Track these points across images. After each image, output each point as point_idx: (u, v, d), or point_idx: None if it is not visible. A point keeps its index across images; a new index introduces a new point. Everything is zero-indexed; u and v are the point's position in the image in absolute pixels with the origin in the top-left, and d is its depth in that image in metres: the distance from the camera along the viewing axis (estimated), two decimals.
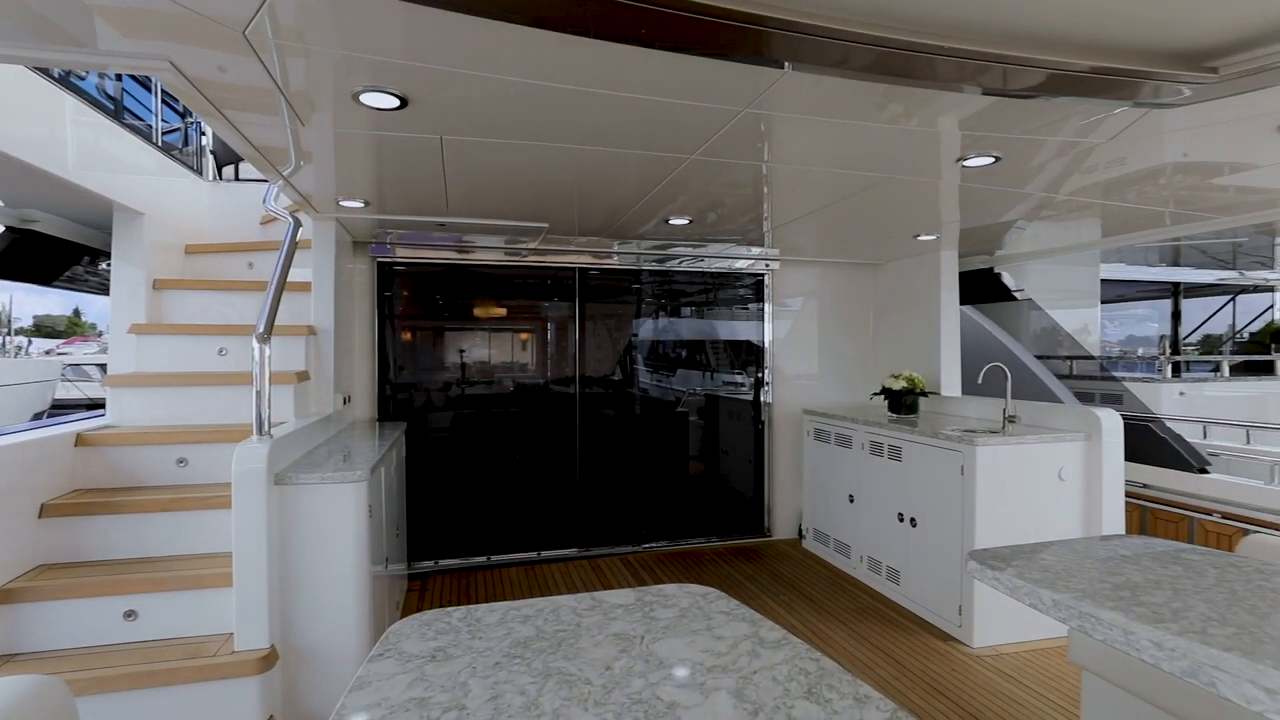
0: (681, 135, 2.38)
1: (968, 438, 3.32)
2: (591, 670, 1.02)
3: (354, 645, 2.50)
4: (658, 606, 1.28)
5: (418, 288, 4.62)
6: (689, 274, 5.15)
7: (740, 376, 5.30)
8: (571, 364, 4.87)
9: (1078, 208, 3.60)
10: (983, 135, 2.43)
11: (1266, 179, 3.02)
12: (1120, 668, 2.10)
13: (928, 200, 3.36)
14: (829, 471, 4.59)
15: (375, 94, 1.94)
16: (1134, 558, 1.69)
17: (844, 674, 1.00)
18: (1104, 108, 2.14)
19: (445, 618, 1.24)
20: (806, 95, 2.05)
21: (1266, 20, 1.68)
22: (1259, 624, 1.27)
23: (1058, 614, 1.39)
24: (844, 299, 5.36)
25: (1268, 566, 1.64)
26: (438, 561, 4.54)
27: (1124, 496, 3.45)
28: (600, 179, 2.98)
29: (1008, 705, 2.76)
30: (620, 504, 4.96)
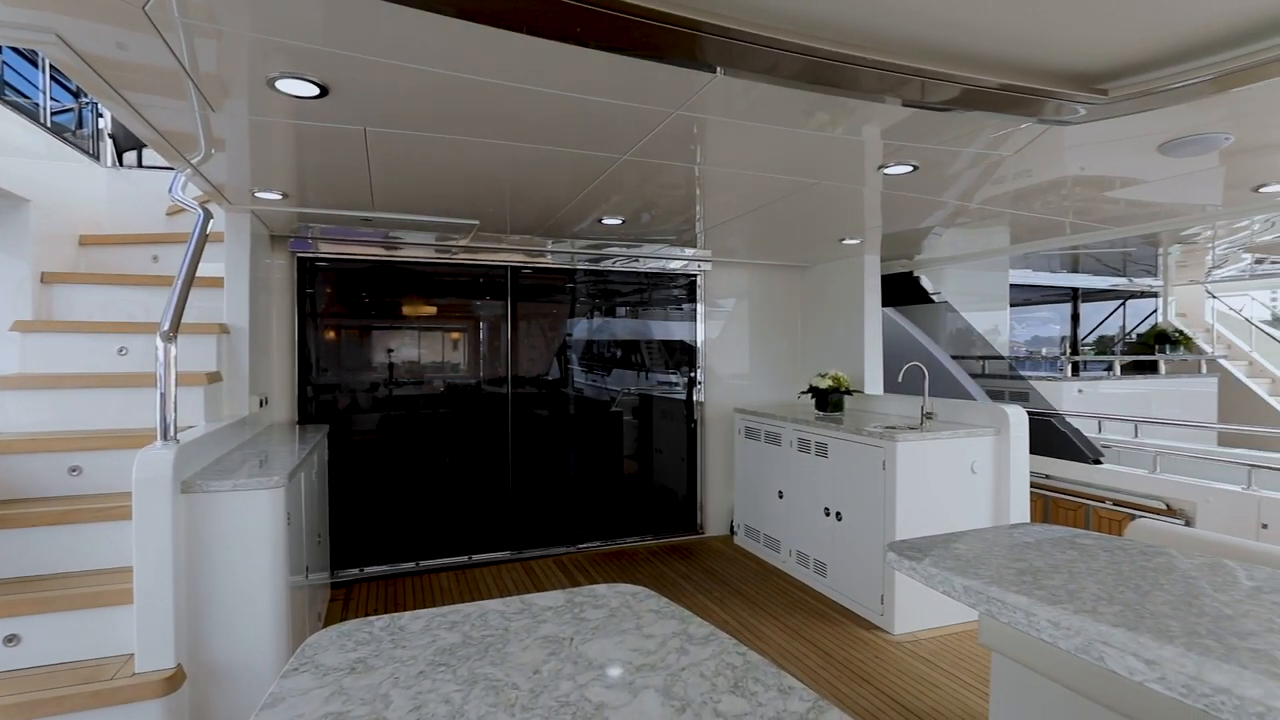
0: (614, 135, 2.38)
1: (889, 434, 3.47)
2: (519, 675, 1.01)
3: (271, 660, 2.37)
4: (588, 607, 1.27)
5: (342, 285, 4.44)
6: (623, 274, 5.16)
7: (674, 376, 5.35)
8: (504, 364, 4.80)
9: (989, 216, 3.82)
10: (903, 145, 2.54)
11: (1151, 193, 3.29)
12: (1024, 648, 2.24)
13: (852, 205, 3.49)
14: (759, 469, 4.70)
15: (293, 81, 1.85)
16: (1036, 544, 1.80)
17: (769, 666, 1.03)
18: (1012, 122, 2.28)
19: (367, 627, 1.19)
20: (738, 100, 2.09)
21: (1147, 49, 1.83)
22: (1141, 601, 1.38)
23: (968, 600, 1.47)
24: (774, 300, 5.50)
25: (1150, 548, 1.79)
26: (363, 569, 4.38)
27: (1029, 487, 3.68)
28: (533, 176, 2.94)
29: (925, 688, 2.90)
30: (554, 505, 4.92)
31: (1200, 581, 1.53)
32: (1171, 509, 3.91)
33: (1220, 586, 1.50)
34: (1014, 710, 2.35)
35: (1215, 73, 1.88)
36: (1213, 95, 2.01)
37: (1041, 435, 4.59)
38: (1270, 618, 1.32)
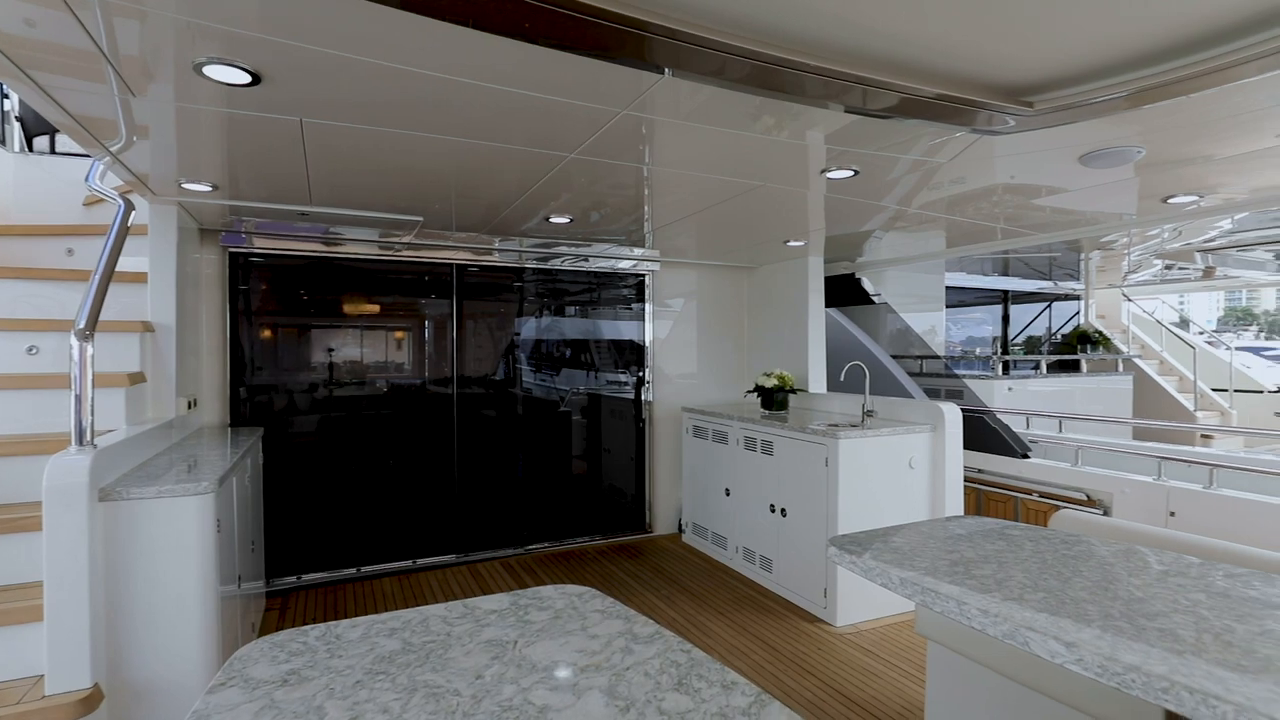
0: (562, 133, 2.36)
1: (831, 431, 3.56)
2: (461, 681, 0.99)
3: (200, 675, 2.26)
4: (532, 609, 1.26)
5: (279, 282, 4.27)
6: (572, 273, 5.14)
7: (624, 376, 5.36)
8: (450, 364, 4.71)
9: (926, 220, 3.97)
10: (845, 150, 2.61)
11: (1073, 201, 3.47)
12: (957, 636, 2.33)
13: (796, 208, 3.56)
14: (707, 467, 4.75)
15: (222, 67, 1.77)
16: (968, 536, 1.88)
17: (713, 663, 1.04)
18: (947, 131, 2.37)
19: (301, 637, 1.15)
20: (686, 101, 2.10)
21: (1070, 65, 1.93)
22: (1062, 588, 1.46)
23: (904, 591, 1.52)
24: (721, 301, 5.57)
25: (1071, 537, 1.89)
26: (301, 576, 4.22)
27: (963, 481, 3.84)
28: (478, 173, 2.89)
29: (866, 678, 2.99)
30: (502, 506, 4.85)
31: (1116, 567, 1.62)
32: (1091, 499, 4.15)
33: (1133, 571, 1.60)
34: (948, 696, 2.44)
35: (1131, 89, 1.99)
36: (1128, 110, 2.13)
37: (974, 431, 4.79)
38: (1175, 599, 1.42)
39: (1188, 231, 4.79)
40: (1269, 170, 2.92)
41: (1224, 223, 4.45)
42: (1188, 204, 3.51)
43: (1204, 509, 3.67)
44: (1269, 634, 1.24)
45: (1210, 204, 3.53)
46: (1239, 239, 5.29)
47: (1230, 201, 3.49)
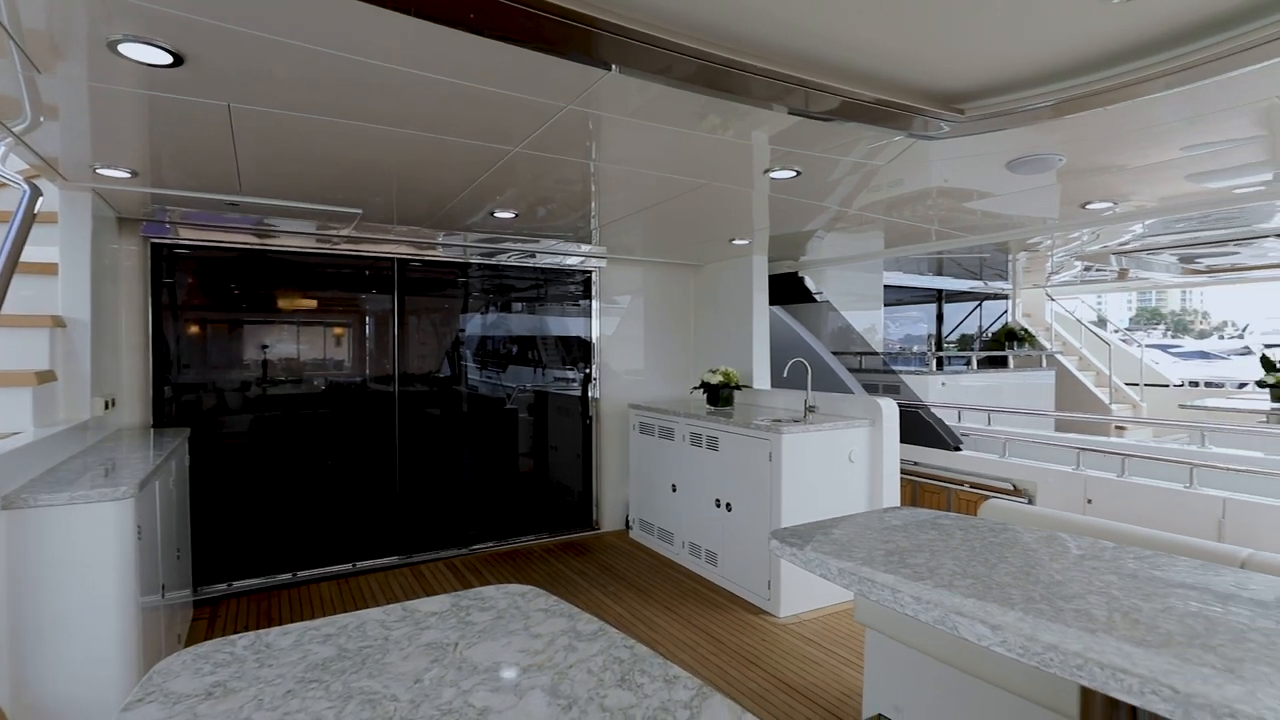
0: (507, 126, 2.33)
1: (775, 427, 3.63)
2: (399, 686, 0.97)
3: (118, 692, 2.14)
4: (474, 610, 1.24)
5: (207, 275, 4.06)
6: (519, 269, 5.07)
7: (571, 373, 5.33)
8: (391, 361, 4.58)
9: (866, 221, 4.09)
10: (789, 151, 2.66)
11: (1001, 205, 3.64)
12: (892, 622, 2.42)
13: (741, 207, 3.61)
14: (653, 463, 4.78)
15: (140, 46, 1.66)
16: (903, 527, 1.95)
17: (655, 658, 1.05)
18: (886, 135, 2.44)
19: (228, 647, 1.10)
20: (633, 99, 2.11)
21: (996, 75, 2.02)
22: (989, 573, 1.53)
23: (842, 581, 1.56)
24: (668, 298, 5.60)
25: (998, 526, 1.98)
26: (232, 584, 4.04)
27: (900, 473, 3.98)
28: (421, 165, 2.82)
29: (808, 666, 3.07)
30: (446, 506, 4.76)
31: (1038, 553, 1.71)
32: (1018, 489, 4.37)
33: (1054, 556, 1.69)
34: (884, 680, 2.53)
35: (1054, 100, 2.10)
36: (1051, 120, 2.25)
37: (910, 425, 4.97)
38: (1090, 580, 1.51)
39: (1104, 235, 5.09)
40: (1174, 180, 3.13)
41: (1136, 228, 4.75)
42: (1104, 209, 3.73)
43: (1117, 496, 3.92)
44: (1170, 610, 1.33)
45: (1124, 210, 3.76)
46: (1149, 243, 5.66)
47: (1141, 208, 3.73)
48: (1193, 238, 5.26)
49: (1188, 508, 3.56)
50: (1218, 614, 1.32)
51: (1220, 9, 1.64)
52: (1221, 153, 2.69)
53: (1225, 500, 3.44)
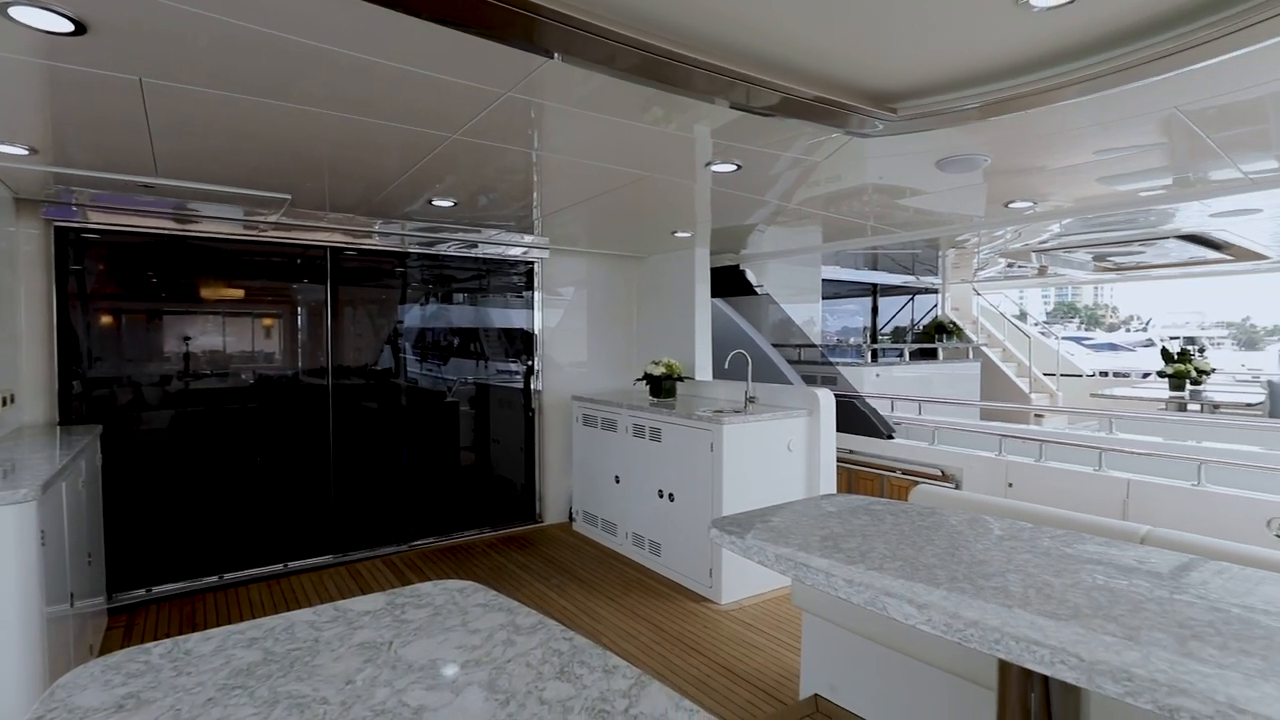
0: (444, 111, 2.27)
1: (716, 418, 3.68)
2: (329, 688, 0.94)
3: (21, 710, 1.99)
4: (410, 608, 1.21)
5: (121, 262, 3.81)
6: (460, 260, 4.96)
7: (513, 365, 5.26)
8: (325, 353, 4.41)
9: (805, 216, 4.18)
10: (730, 145, 2.69)
11: (932, 203, 3.79)
12: (827, 605, 2.51)
13: (684, 200, 3.64)
14: (597, 455, 4.78)
15: (34, 10, 1.54)
16: (837, 513, 2.01)
17: (595, 649, 1.05)
18: (824, 132, 2.50)
19: (142, 656, 1.04)
20: (575, 88, 2.08)
21: (926, 76, 2.09)
22: (916, 555, 1.60)
23: (780, 567, 1.60)
24: (611, 289, 5.59)
25: (926, 510, 2.07)
26: (151, 589, 3.82)
27: (836, 461, 4.11)
28: (354, 150, 2.72)
29: (748, 650, 3.14)
30: (385, 502, 4.63)
31: (963, 535, 1.80)
32: (946, 475, 4.57)
33: (977, 537, 1.78)
34: (820, 661, 2.62)
35: (981, 102, 2.20)
36: (978, 121, 2.34)
37: (846, 415, 5.13)
38: (1009, 559, 1.60)
39: (1025, 234, 5.37)
40: (1088, 182, 3.33)
41: (1054, 227, 5.03)
42: (1025, 209, 3.93)
43: (1035, 479, 4.15)
44: (1079, 585, 1.42)
45: (1043, 209, 3.97)
46: (1065, 242, 6.00)
47: (1059, 208, 3.95)
48: (1103, 237, 5.61)
49: (1096, 489, 3.81)
50: (1120, 586, 1.42)
51: (1125, 24, 1.74)
52: (1128, 157, 2.87)
53: (1129, 481, 3.70)
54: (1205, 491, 3.40)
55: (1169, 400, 7.79)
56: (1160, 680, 1.02)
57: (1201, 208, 4.19)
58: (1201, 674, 1.04)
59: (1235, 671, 1.05)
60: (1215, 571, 1.54)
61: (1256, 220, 4.89)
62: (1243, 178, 3.14)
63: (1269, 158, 2.86)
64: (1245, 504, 3.25)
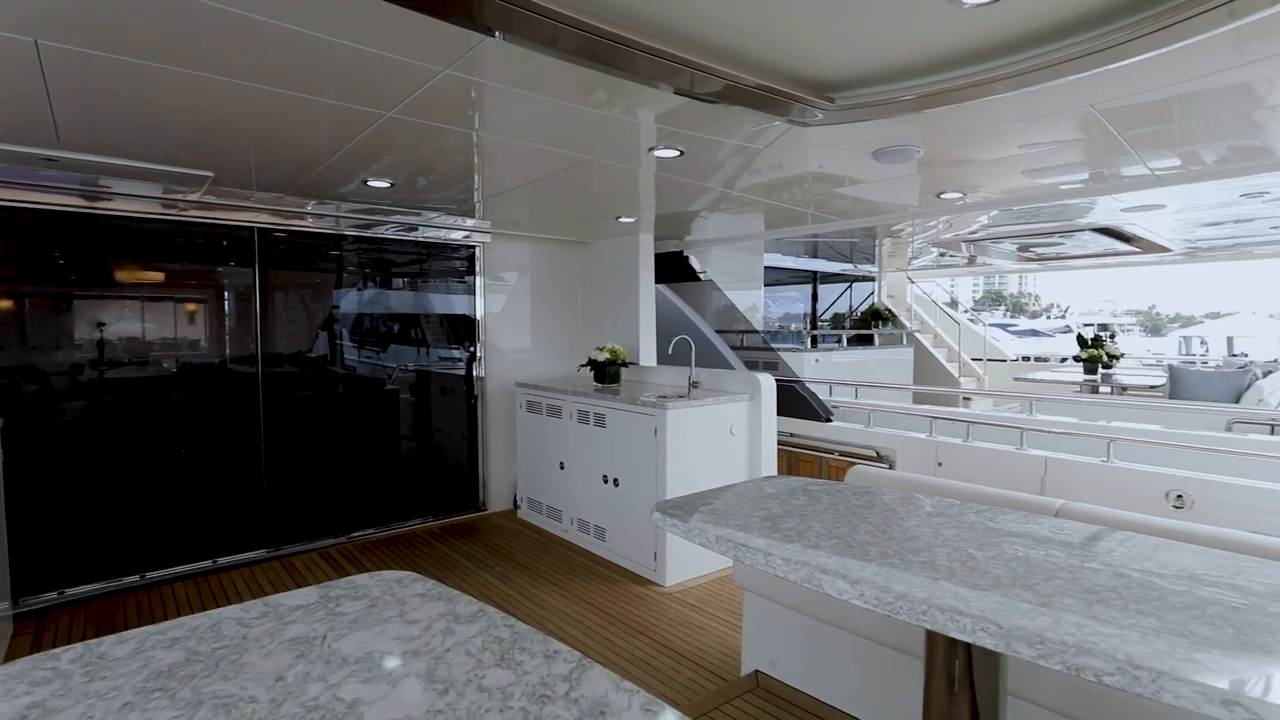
0: (378, 88, 2.18)
1: (660, 403, 3.71)
2: (258, 686, 0.90)
3: None
4: (345, 600, 1.18)
5: (21, 241, 3.52)
6: (398, 243, 4.81)
7: (456, 351, 5.15)
8: (255, 340, 4.21)
9: (747, 203, 4.23)
10: (674, 131, 2.69)
11: (869, 192, 3.89)
12: (767, 584, 2.57)
13: (627, 184, 3.62)
14: (541, 441, 4.75)
15: None
16: (777, 494, 2.06)
17: (536, 634, 1.05)
18: (766, 119, 2.53)
19: (49, 663, 0.97)
20: (517, 68, 2.04)
21: (864, 67, 2.14)
22: (850, 534, 1.66)
23: (720, 548, 1.64)
24: (555, 275, 5.54)
25: (861, 489, 2.15)
26: (64, 591, 3.59)
27: (777, 444, 4.21)
28: (282, 126, 2.59)
29: (692, 631, 3.20)
30: (321, 493, 4.48)
31: (895, 512, 1.87)
32: (880, 455, 4.75)
33: (908, 514, 1.85)
34: (761, 638, 2.69)
35: (915, 94, 2.26)
36: (912, 113, 2.42)
37: (787, 399, 5.26)
38: (937, 534, 1.67)
39: (956, 224, 5.59)
40: (1014, 175, 3.48)
41: (982, 218, 5.26)
42: (955, 199, 4.08)
43: (963, 458, 4.36)
44: (1000, 557, 1.51)
45: (972, 200, 4.14)
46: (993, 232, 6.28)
47: (987, 199, 4.12)
48: (1027, 229, 5.90)
49: (1018, 467, 4.04)
50: (1037, 557, 1.51)
51: (1049, 23, 1.82)
52: (1050, 152, 3.02)
53: (1047, 459, 3.93)
54: (1113, 467, 3.65)
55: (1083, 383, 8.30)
56: (1069, 642, 1.09)
57: (1114, 202, 4.45)
58: (1105, 635, 1.12)
59: (1134, 631, 1.13)
60: (1120, 541, 1.65)
61: (1161, 215, 5.24)
62: (1150, 174, 3.35)
63: (1173, 156, 3.06)
64: (1148, 478, 3.50)
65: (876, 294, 10.38)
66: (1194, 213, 5.16)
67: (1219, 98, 2.31)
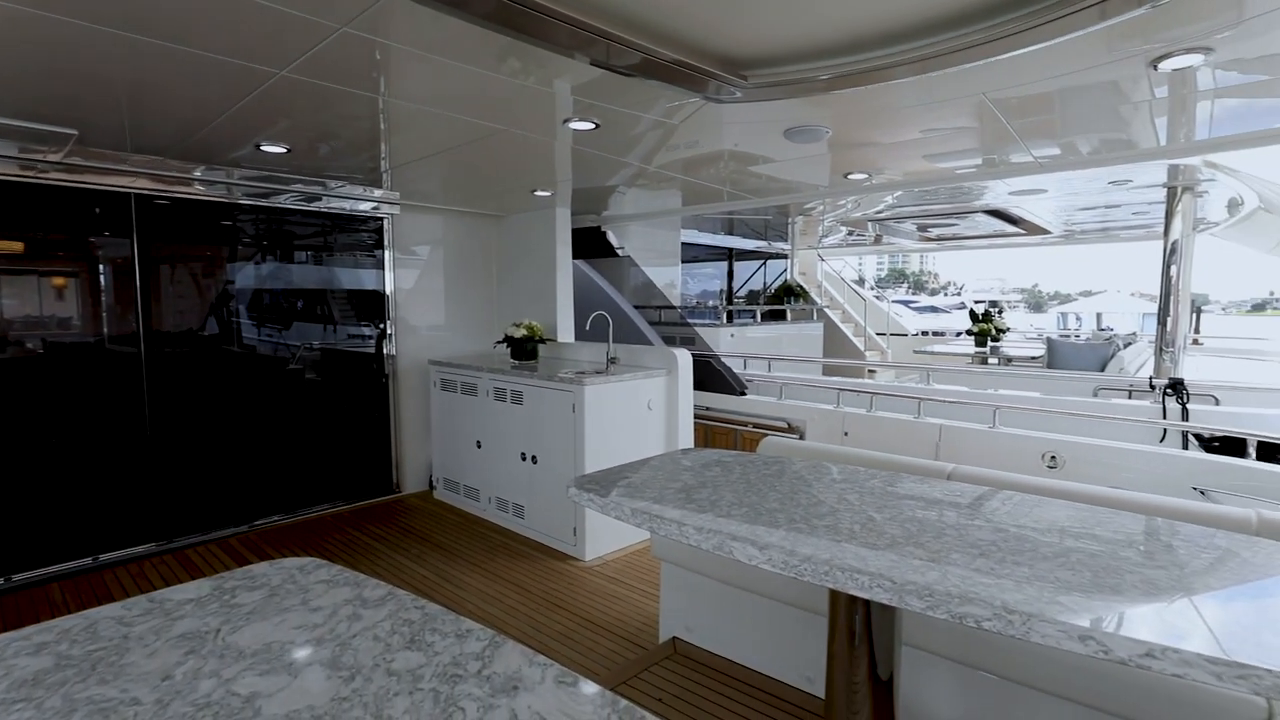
0: (268, 43, 2.02)
1: (578, 379, 3.71)
2: (142, 687, 0.84)
3: None
4: (241, 591, 1.12)
5: None
6: (301, 214, 4.51)
7: (366, 329, 4.93)
8: (136, 317, 3.86)
9: (664, 180, 4.24)
10: (590, 103, 2.65)
11: (782, 171, 3.99)
12: (683, 553, 2.64)
13: (543, 157, 3.55)
14: (457, 420, 4.65)
15: None
16: (692, 466, 2.11)
17: (448, 615, 1.03)
18: (682, 95, 2.52)
19: None
20: (426, 31, 1.94)
21: (775, 46, 2.17)
22: (760, 501, 1.72)
23: (636, 521, 1.66)
24: (469, 249, 5.38)
25: (772, 459, 2.23)
26: None
27: (694, 418, 4.30)
28: (158, 82, 2.36)
29: (612, 602, 3.25)
30: (218, 480, 4.20)
31: (803, 480, 1.96)
32: (791, 426, 4.94)
33: (815, 481, 1.94)
34: (678, 606, 2.77)
35: (824, 74, 2.32)
36: (822, 94, 2.48)
37: (703, 373, 5.37)
38: (841, 499, 1.76)
39: (864, 203, 5.83)
40: (915, 159, 3.66)
41: (888, 198, 5.50)
42: (862, 180, 4.25)
43: (867, 427, 4.61)
44: (896, 518, 1.61)
45: (878, 181, 4.32)
46: (897, 212, 6.60)
47: (891, 181, 4.32)
48: (926, 210, 6.23)
49: (916, 434, 4.31)
50: (929, 517, 1.63)
51: (948, 11, 1.91)
52: (947, 137, 3.19)
53: (941, 426, 4.22)
54: (998, 432, 3.96)
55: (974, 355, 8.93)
56: (953, 593, 1.18)
57: (1003, 186, 4.77)
58: (984, 585, 1.22)
59: (1009, 580, 1.24)
60: (1003, 500, 1.80)
61: (1043, 200, 5.66)
62: (1034, 161, 3.60)
63: (1054, 145, 3.31)
64: (1027, 441, 3.83)
65: (789, 271, 10.71)
66: (1071, 198, 5.62)
67: (1092, 93, 2.51)
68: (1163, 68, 2.18)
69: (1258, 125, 2.97)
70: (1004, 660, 1.84)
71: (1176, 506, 1.91)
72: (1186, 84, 2.39)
